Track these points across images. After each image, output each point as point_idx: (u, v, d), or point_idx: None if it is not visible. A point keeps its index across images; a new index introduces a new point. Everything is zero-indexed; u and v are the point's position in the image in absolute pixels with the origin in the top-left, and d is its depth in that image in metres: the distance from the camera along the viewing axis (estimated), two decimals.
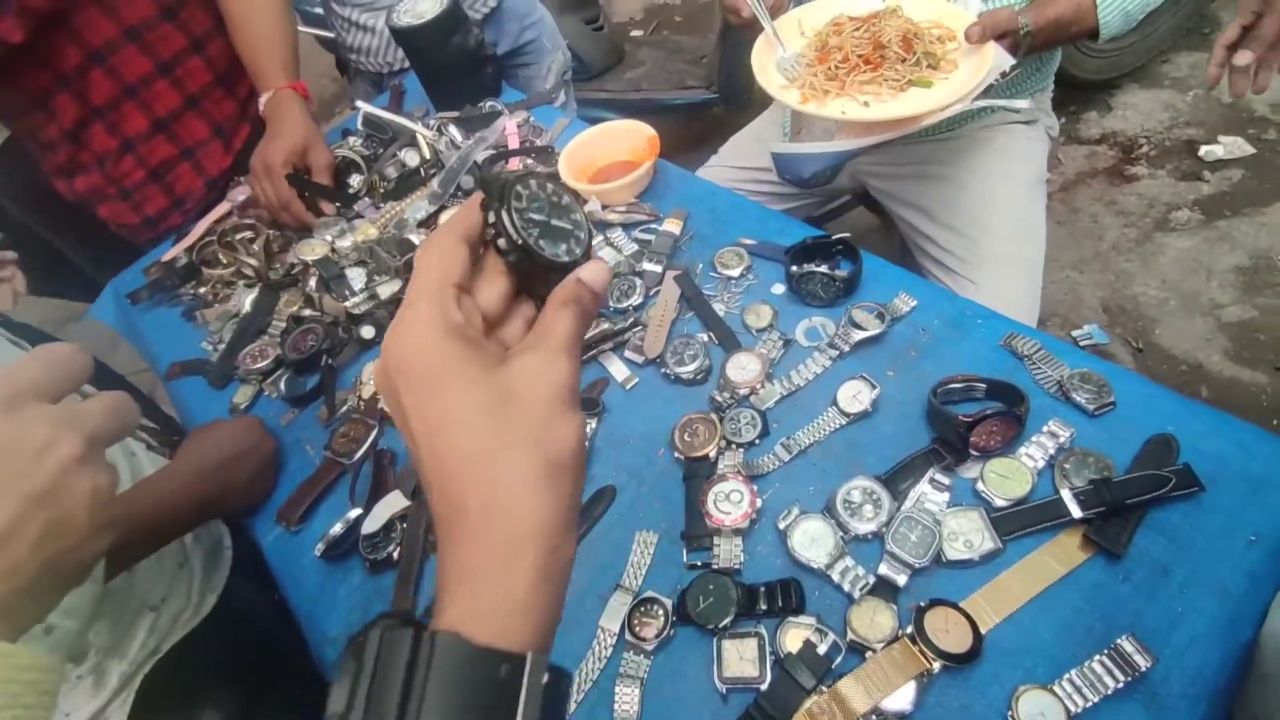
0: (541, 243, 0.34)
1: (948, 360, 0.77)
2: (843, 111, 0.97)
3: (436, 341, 0.31)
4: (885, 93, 0.97)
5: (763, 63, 1.06)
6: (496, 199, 0.34)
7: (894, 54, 0.98)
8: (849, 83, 0.99)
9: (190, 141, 1.27)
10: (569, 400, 0.32)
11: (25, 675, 0.36)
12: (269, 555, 0.83)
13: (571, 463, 0.32)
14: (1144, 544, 0.61)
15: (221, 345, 1.04)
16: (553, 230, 0.35)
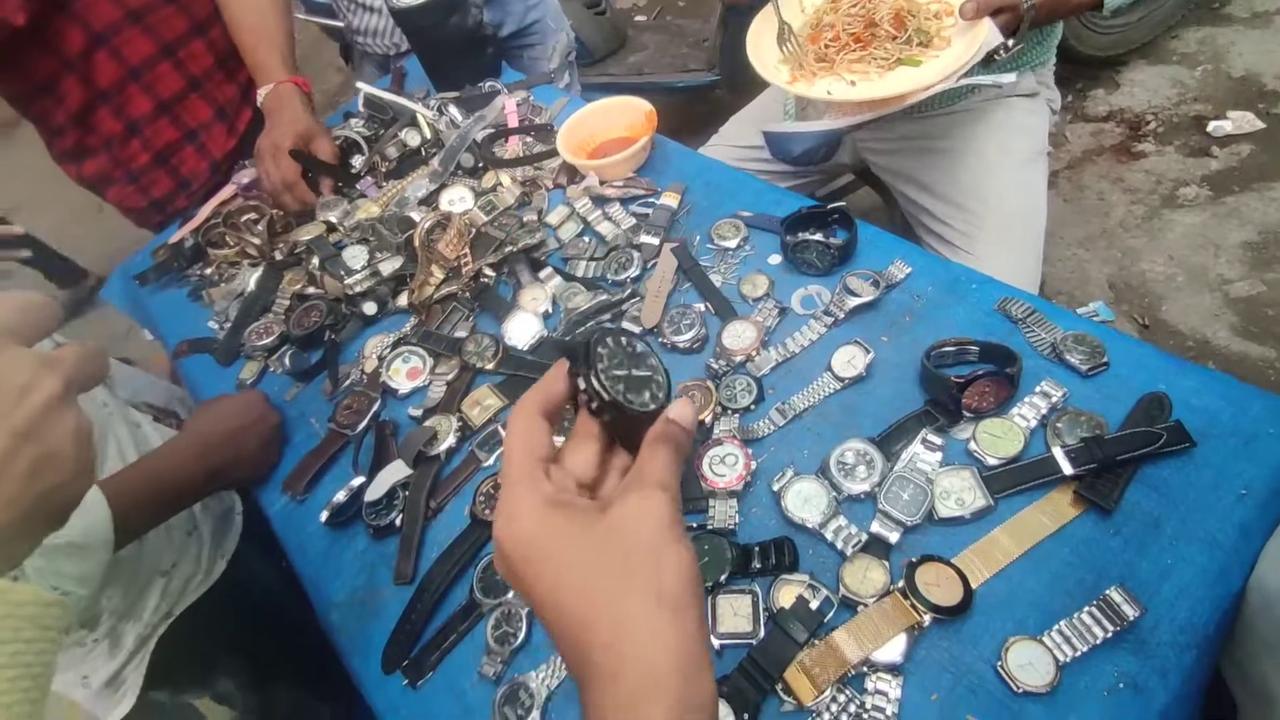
0: (629, 395, 0.37)
1: (942, 325, 0.78)
2: (829, 92, 0.97)
3: (537, 517, 0.34)
4: (873, 72, 0.97)
5: (757, 42, 1.06)
6: (583, 363, 0.37)
7: (885, 32, 0.98)
8: (838, 61, 0.99)
9: (194, 124, 1.29)
10: (673, 532, 0.33)
11: (25, 610, 0.37)
12: (275, 524, 0.84)
13: (687, 593, 0.32)
14: (1135, 499, 0.61)
15: (228, 324, 1.06)
16: (635, 381, 0.38)
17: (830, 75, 0.98)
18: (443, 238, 1.00)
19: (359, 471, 0.83)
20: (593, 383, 0.36)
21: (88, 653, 0.79)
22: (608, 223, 1.01)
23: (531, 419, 0.37)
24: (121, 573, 0.79)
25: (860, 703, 0.56)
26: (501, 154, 1.16)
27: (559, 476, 0.36)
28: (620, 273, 0.93)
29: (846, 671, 0.57)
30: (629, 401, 0.37)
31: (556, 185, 1.10)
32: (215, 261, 1.15)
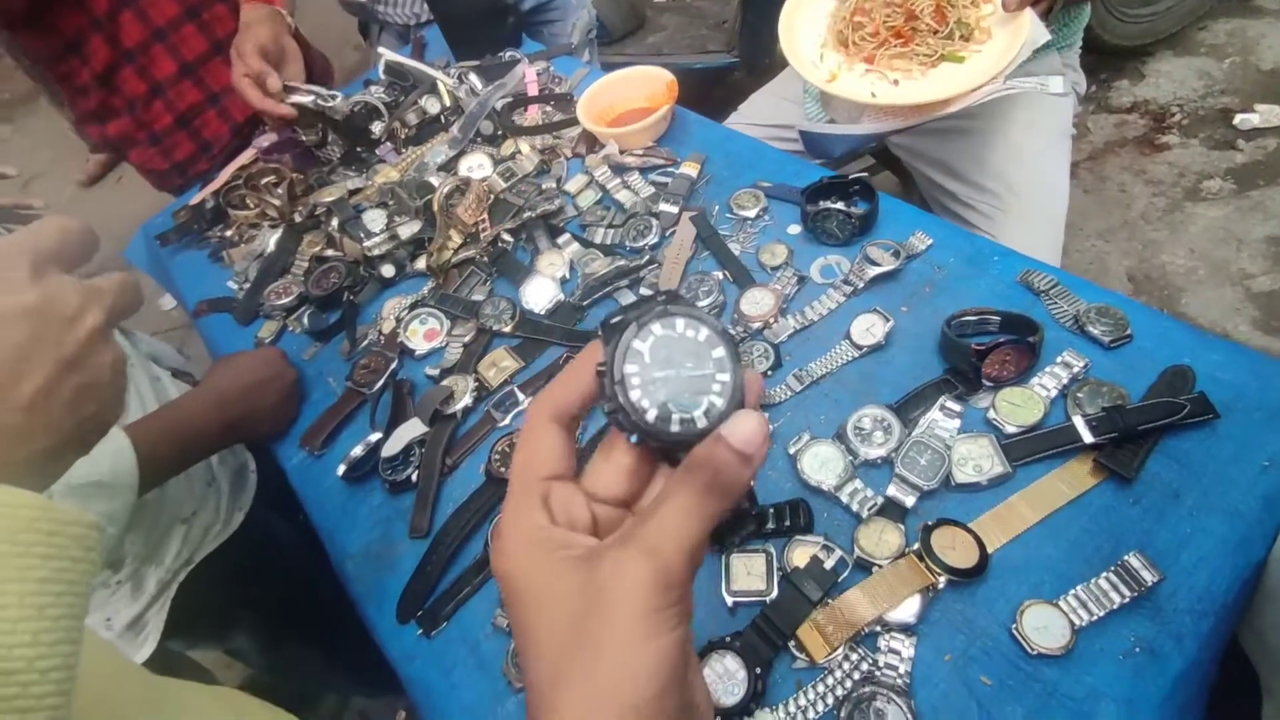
0: (671, 406, 0.28)
1: (963, 296, 0.77)
2: (872, 94, 0.95)
3: (519, 553, 0.29)
4: (915, 68, 0.96)
5: (791, 29, 1.04)
6: (609, 363, 0.28)
7: (926, 26, 0.96)
8: (879, 57, 0.97)
9: (217, 87, 1.29)
10: (655, 621, 0.25)
11: (70, 529, 0.37)
12: (293, 478, 0.85)
13: (653, 706, 0.25)
14: (1156, 469, 0.61)
15: (247, 284, 1.07)
16: (687, 384, 0.28)
17: (872, 72, 0.96)
18: (461, 203, 1.00)
19: (376, 428, 0.83)
20: (618, 399, 0.27)
21: (111, 594, 0.80)
22: (626, 191, 1.01)
23: (539, 427, 0.31)
24: (144, 517, 0.80)
25: (873, 660, 0.56)
26: (521, 122, 1.16)
27: (564, 501, 0.30)
28: (639, 239, 0.93)
29: (860, 630, 0.57)
30: (660, 428, 0.27)
31: (575, 154, 1.09)
32: (235, 223, 1.15)
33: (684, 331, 0.29)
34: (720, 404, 0.28)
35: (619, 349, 0.28)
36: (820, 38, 1.05)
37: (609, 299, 0.89)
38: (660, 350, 0.28)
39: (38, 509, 0.36)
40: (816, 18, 1.07)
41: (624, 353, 0.28)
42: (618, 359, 0.28)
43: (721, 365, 0.29)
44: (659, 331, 0.29)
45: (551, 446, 0.31)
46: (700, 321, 0.29)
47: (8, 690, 0.31)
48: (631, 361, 0.28)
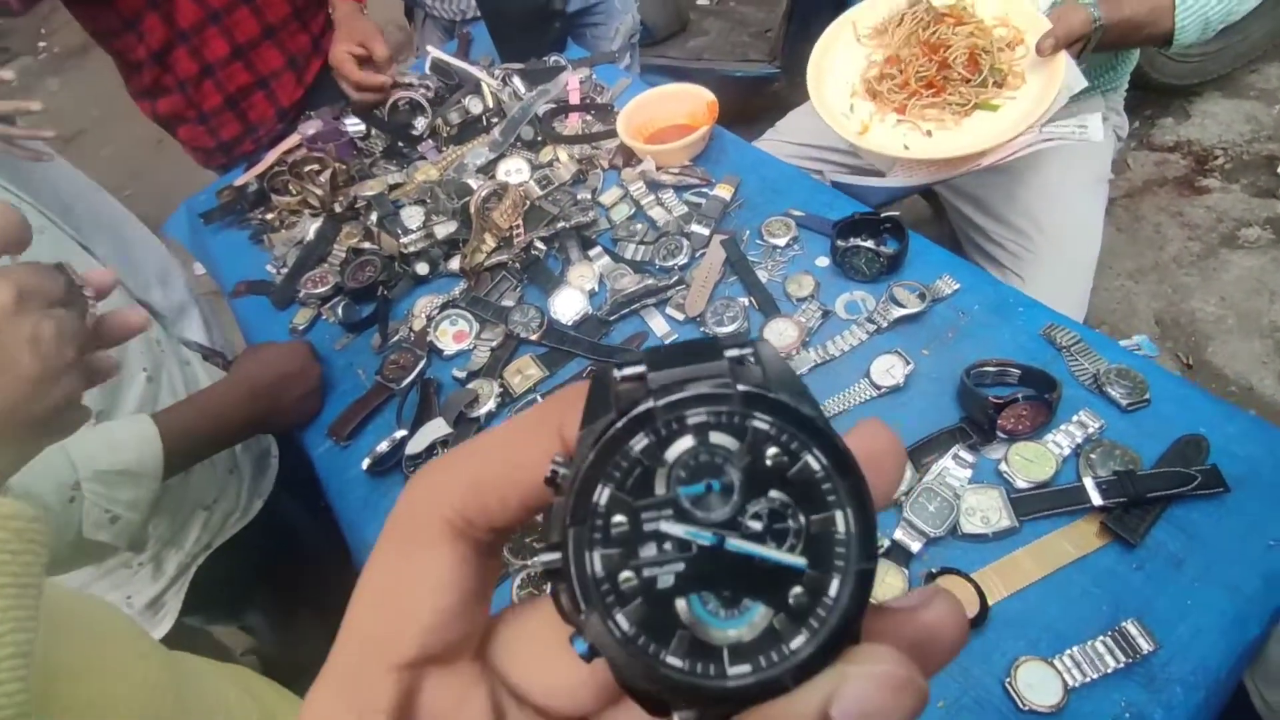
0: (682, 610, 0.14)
1: (985, 344, 0.78)
2: (905, 147, 0.95)
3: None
4: (949, 118, 0.96)
5: (820, 79, 1.04)
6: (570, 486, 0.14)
7: (959, 75, 0.96)
8: (910, 107, 0.97)
9: (266, 71, 1.32)
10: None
11: (10, 524, 0.37)
12: (318, 466, 0.88)
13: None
14: (1161, 537, 0.62)
15: (285, 269, 1.10)
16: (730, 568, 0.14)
17: (905, 122, 0.96)
18: (498, 207, 1.02)
19: (402, 425, 0.86)
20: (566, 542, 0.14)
21: (133, 574, 0.84)
22: (660, 208, 1.02)
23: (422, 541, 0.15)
24: (168, 502, 0.83)
25: None
26: (561, 130, 1.18)
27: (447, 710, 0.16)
28: (669, 259, 0.94)
29: None
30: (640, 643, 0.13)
31: (612, 166, 1.11)
32: (277, 208, 1.18)
33: (764, 451, 0.14)
34: (802, 640, 0.13)
35: (599, 444, 0.14)
36: (850, 85, 1.05)
37: (635, 315, 0.91)
38: (694, 477, 0.14)
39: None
40: (847, 62, 1.07)
41: (604, 457, 0.14)
42: (585, 466, 0.14)
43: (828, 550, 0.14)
44: (703, 434, 0.14)
45: (435, 588, 0.15)
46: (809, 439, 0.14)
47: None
48: (618, 487, 0.14)
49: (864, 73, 1.05)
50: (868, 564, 0.14)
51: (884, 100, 1.00)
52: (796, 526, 0.14)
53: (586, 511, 0.14)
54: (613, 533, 0.14)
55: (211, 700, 0.58)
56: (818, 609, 0.13)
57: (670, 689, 0.13)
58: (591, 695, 0.15)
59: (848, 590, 0.13)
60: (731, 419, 0.14)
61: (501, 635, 0.17)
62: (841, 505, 0.14)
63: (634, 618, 0.13)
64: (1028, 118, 0.90)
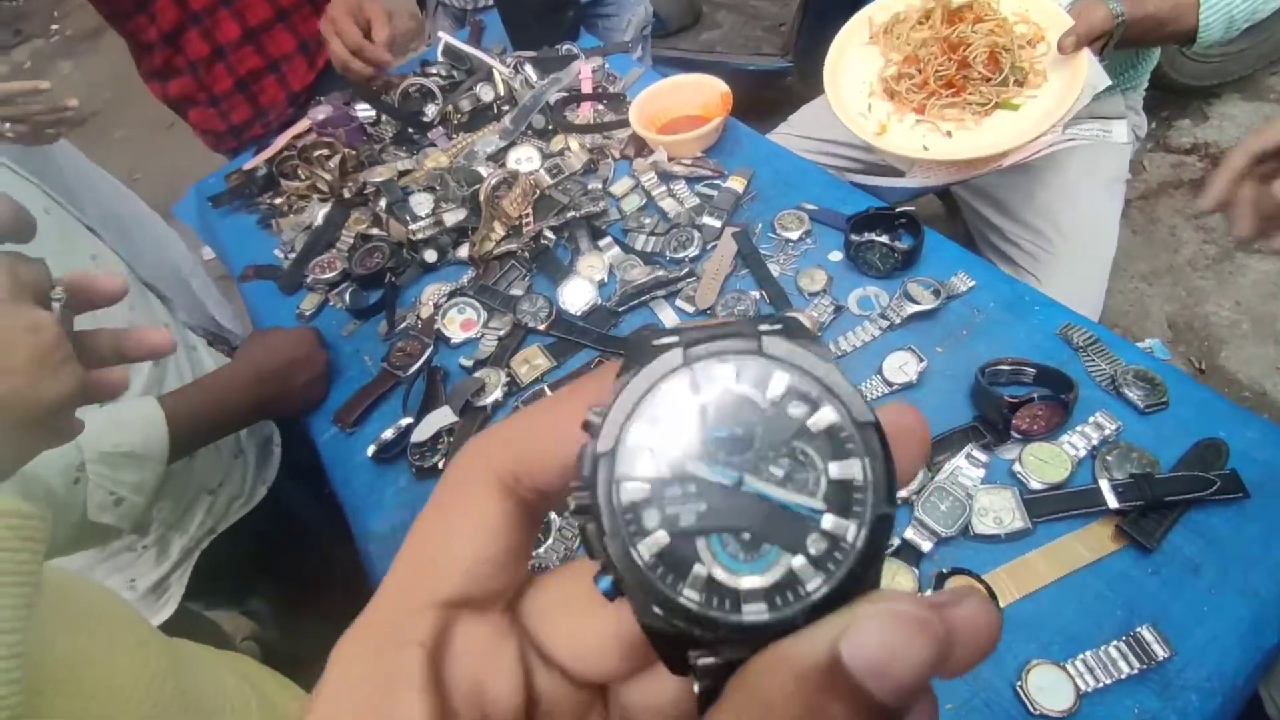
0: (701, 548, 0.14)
1: (1000, 343, 0.77)
2: (924, 148, 0.94)
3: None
4: (969, 118, 0.94)
5: (836, 77, 1.03)
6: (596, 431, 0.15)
7: (979, 74, 0.94)
8: (929, 107, 0.96)
9: (277, 54, 1.31)
10: None
11: (7, 521, 0.36)
12: (323, 452, 0.88)
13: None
14: (1178, 541, 0.61)
15: (293, 254, 1.09)
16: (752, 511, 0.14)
17: (924, 122, 0.95)
18: (508, 195, 1.01)
19: (407, 412, 0.85)
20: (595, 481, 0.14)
21: (137, 558, 0.83)
22: (671, 199, 1.01)
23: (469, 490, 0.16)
24: (173, 486, 0.83)
25: None
26: (573, 119, 1.17)
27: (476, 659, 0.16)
28: (679, 251, 0.93)
29: None
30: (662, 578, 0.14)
31: (624, 156, 1.10)
32: (286, 192, 1.18)
33: (788, 403, 0.14)
34: (818, 582, 0.14)
35: (632, 391, 0.15)
36: (868, 85, 1.04)
37: (644, 307, 0.90)
38: (720, 423, 0.14)
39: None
40: (864, 61, 1.05)
41: (636, 402, 0.15)
42: (619, 411, 0.15)
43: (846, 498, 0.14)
44: (731, 384, 0.15)
45: (481, 534, 0.16)
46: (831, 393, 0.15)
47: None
48: (649, 426, 0.15)
49: (881, 72, 1.04)
50: (886, 509, 0.14)
51: (902, 100, 0.99)
52: (816, 474, 0.14)
53: (616, 446, 0.14)
54: (639, 469, 0.14)
55: (209, 687, 0.57)
56: (835, 554, 0.14)
57: (686, 619, 0.14)
58: (615, 658, 0.16)
59: (864, 534, 0.14)
60: (757, 372, 0.15)
61: (533, 597, 0.17)
62: (860, 454, 0.14)
63: (655, 549, 0.14)
64: (1050, 117, 0.88)
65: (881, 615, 0.12)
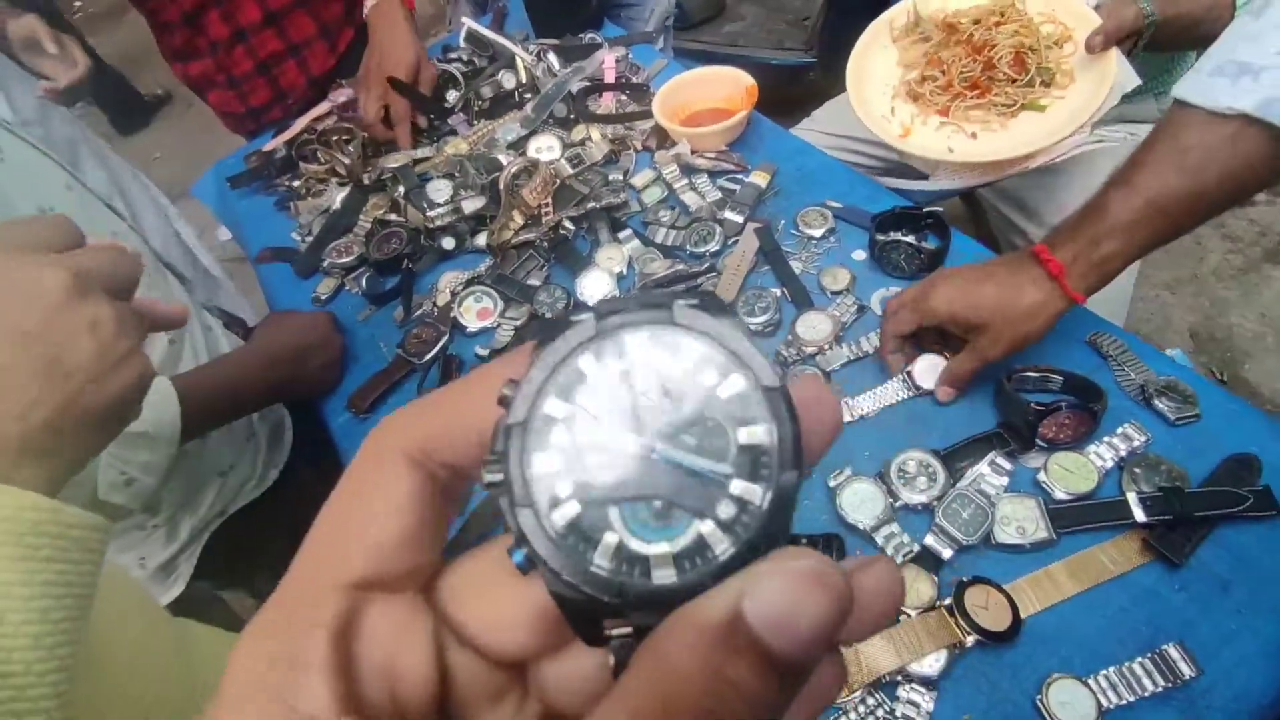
0: (614, 514, 0.14)
1: (1027, 350, 0.75)
2: (950, 150, 0.92)
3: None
4: (994, 119, 0.93)
5: (859, 80, 1.01)
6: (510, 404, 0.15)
7: (1004, 75, 0.93)
8: (954, 109, 0.95)
9: (298, 38, 1.30)
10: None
11: (74, 533, 0.36)
12: (336, 437, 0.87)
13: None
14: (1207, 558, 0.59)
15: (310, 237, 1.09)
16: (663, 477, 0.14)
17: (949, 123, 0.93)
18: (527, 184, 1.00)
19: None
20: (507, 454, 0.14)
21: (146, 536, 0.83)
22: (693, 193, 1.00)
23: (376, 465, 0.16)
24: (184, 466, 0.82)
25: (890, 709, 0.56)
26: (595, 109, 1.15)
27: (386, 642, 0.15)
28: (700, 245, 0.92)
29: (881, 677, 0.57)
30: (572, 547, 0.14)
31: (645, 148, 1.08)
32: (305, 175, 1.17)
33: (699, 371, 0.15)
34: (726, 545, 0.14)
35: (545, 363, 0.15)
36: (890, 87, 1.02)
37: None
38: (631, 392, 0.15)
39: (45, 511, 0.35)
40: (885, 64, 1.04)
41: (549, 374, 0.15)
42: (532, 383, 0.15)
43: (755, 463, 0.14)
44: (642, 354, 0.15)
45: (389, 512, 0.15)
46: (741, 360, 0.15)
47: (4, 694, 0.32)
48: (562, 397, 0.15)
49: (904, 74, 1.02)
50: (791, 473, 0.14)
51: (926, 102, 0.97)
52: (725, 441, 0.14)
53: (528, 417, 0.14)
54: (551, 440, 0.14)
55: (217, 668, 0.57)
56: (743, 517, 0.14)
57: (596, 587, 0.14)
58: (530, 634, 0.15)
59: (770, 497, 0.14)
60: (669, 341, 0.15)
61: (447, 579, 0.17)
62: (767, 419, 0.14)
63: (566, 519, 0.14)
64: (1077, 118, 0.86)
65: (782, 572, 0.12)
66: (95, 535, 0.37)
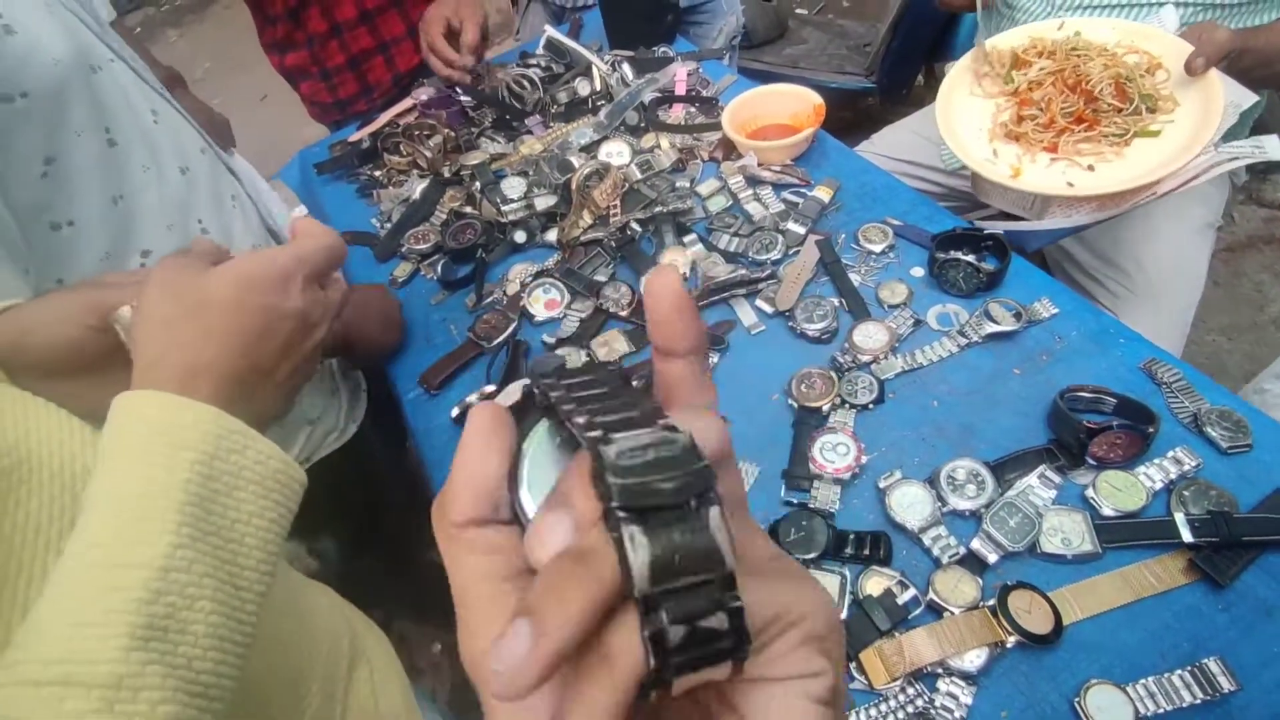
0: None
1: (1080, 371, 0.77)
2: (1069, 184, 0.90)
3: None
4: (1107, 150, 0.91)
5: (951, 126, 1.00)
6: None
7: (1109, 105, 0.91)
8: (1062, 144, 0.93)
9: (388, 36, 1.39)
10: None
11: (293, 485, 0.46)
12: (408, 411, 0.93)
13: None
14: (1252, 581, 0.61)
15: (389, 224, 1.15)
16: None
17: (1060, 159, 0.92)
18: (598, 186, 1.05)
19: (490, 380, 0.90)
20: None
21: None
22: (757, 203, 1.04)
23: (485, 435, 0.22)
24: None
25: (929, 700, 0.59)
26: (665, 118, 1.20)
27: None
28: (762, 253, 0.96)
29: (922, 668, 0.60)
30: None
31: (712, 158, 1.13)
32: (387, 165, 1.24)
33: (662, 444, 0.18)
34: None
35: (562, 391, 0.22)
36: (983, 130, 1.01)
37: (724, 304, 0.93)
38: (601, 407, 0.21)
39: (283, 463, 0.44)
40: (972, 109, 1.03)
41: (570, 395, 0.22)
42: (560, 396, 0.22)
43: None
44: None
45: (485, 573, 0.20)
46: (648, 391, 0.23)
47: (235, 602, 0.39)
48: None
49: (995, 117, 1.01)
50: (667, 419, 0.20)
51: (1029, 141, 0.96)
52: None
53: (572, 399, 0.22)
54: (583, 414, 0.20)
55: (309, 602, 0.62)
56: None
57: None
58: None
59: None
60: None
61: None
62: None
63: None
64: (1198, 139, 0.85)
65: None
66: (300, 490, 0.46)
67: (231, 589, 0.40)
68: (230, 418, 0.42)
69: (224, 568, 0.40)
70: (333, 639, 0.61)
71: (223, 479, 0.41)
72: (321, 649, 0.59)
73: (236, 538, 0.41)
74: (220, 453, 0.41)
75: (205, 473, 0.40)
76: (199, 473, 0.40)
